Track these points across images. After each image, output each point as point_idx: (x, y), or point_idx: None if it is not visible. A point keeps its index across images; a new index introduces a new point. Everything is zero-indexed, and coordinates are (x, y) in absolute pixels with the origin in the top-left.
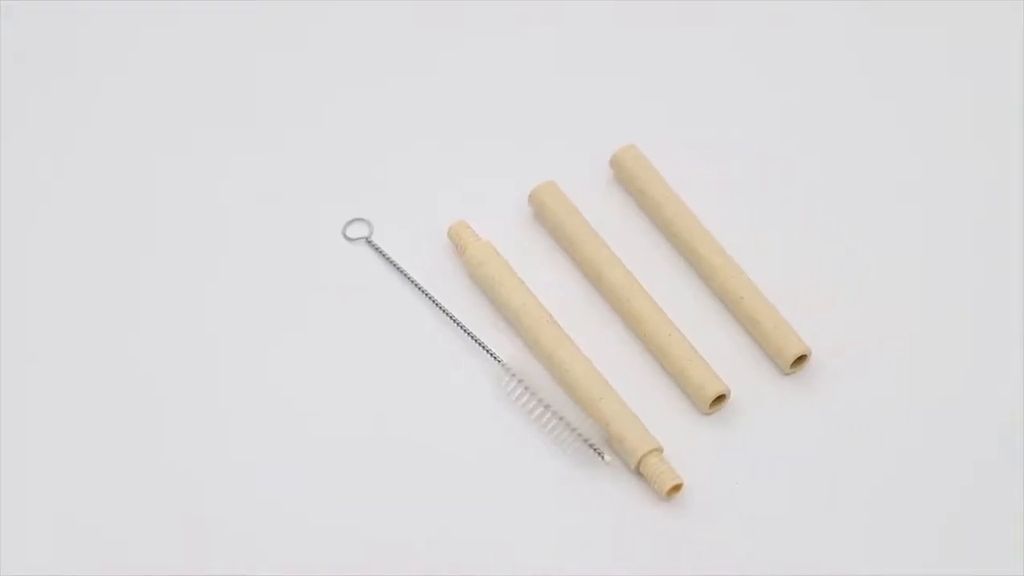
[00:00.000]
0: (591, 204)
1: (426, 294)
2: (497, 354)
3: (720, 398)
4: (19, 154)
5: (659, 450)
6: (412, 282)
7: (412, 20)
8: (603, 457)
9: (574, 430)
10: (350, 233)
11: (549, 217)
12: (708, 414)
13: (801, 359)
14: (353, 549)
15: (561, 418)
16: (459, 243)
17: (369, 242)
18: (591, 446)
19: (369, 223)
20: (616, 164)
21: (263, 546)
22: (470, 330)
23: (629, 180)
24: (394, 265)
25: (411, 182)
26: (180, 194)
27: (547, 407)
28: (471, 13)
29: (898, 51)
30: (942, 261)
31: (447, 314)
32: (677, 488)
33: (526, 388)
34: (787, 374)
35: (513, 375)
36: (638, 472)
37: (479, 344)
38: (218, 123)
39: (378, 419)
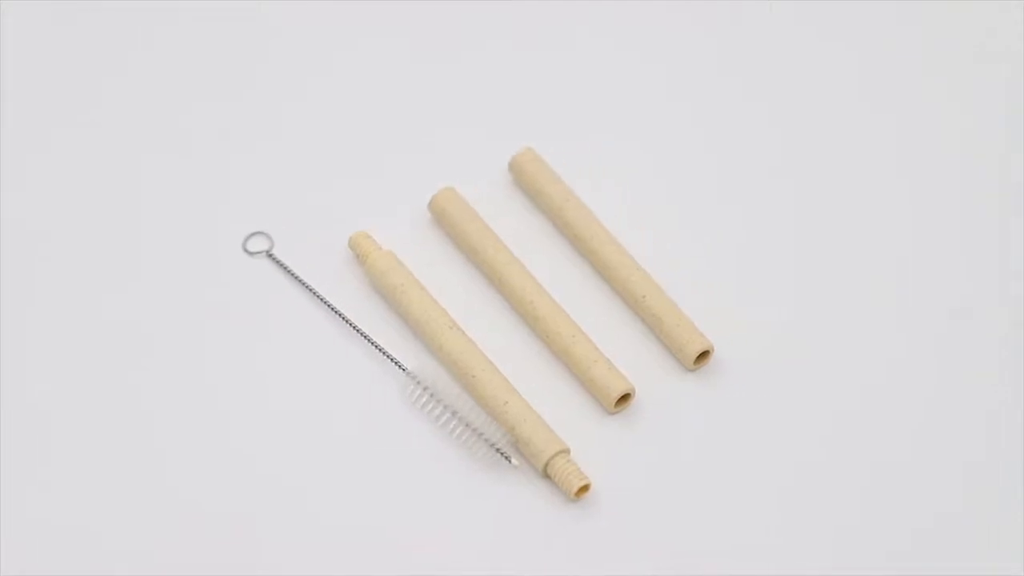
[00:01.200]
0: (491, 208)
1: (329, 306)
2: (402, 362)
3: (625, 397)
4: None
5: (566, 452)
6: (315, 294)
7: (307, 28)
8: (510, 461)
9: (481, 435)
10: (250, 247)
11: (449, 223)
12: (614, 413)
13: (704, 355)
14: (258, 554)
15: (468, 424)
16: (360, 253)
17: (270, 255)
18: (498, 450)
19: (269, 236)
20: (515, 167)
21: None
22: (374, 340)
23: (528, 183)
24: (296, 278)
25: (310, 194)
26: (76, 204)
27: (454, 413)
28: (365, 18)
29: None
30: (844, 256)
31: (351, 325)
32: (585, 489)
33: (432, 395)
34: (691, 370)
35: (419, 383)
36: (546, 474)
37: (384, 353)
38: (116, 134)
39: (284, 431)
